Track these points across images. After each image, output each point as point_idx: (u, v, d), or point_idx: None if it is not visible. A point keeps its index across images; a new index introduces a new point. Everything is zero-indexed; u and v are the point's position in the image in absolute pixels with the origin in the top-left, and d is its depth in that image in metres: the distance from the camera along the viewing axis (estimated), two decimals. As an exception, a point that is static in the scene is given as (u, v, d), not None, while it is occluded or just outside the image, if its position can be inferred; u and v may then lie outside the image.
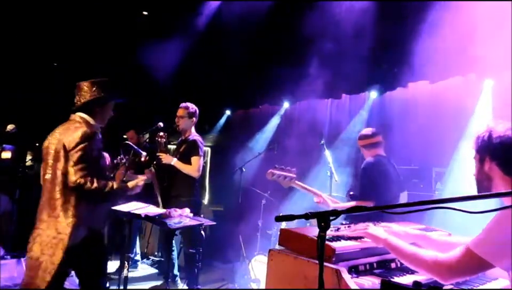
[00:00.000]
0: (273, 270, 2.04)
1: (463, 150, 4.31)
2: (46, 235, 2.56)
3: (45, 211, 2.63)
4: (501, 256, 1.53)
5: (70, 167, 2.58)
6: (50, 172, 2.66)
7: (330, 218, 1.50)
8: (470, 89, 4.69)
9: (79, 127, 2.70)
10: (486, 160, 1.72)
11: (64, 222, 2.56)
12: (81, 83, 2.86)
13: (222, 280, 5.14)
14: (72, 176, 2.56)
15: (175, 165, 4.23)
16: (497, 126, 1.72)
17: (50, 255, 2.52)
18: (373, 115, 5.61)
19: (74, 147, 2.60)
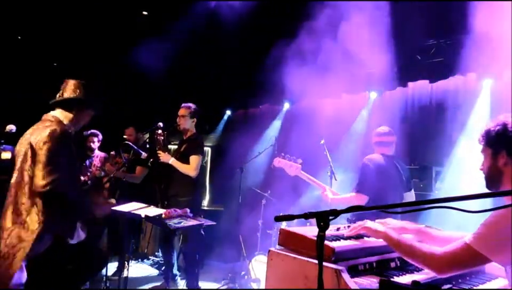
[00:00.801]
0: (273, 269, 2.04)
1: (461, 149, 4.31)
2: (5, 245, 2.32)
3: (9, 218, 2.38)
4: (499, 251, 1.54)
5: (38, 170, 2.34)
6: (16, 175, 2.45)
7: (329, 218, 1.51)
8: (469, 88, 4.69)
9: (48, 126, 2.48)
10: (501, 155, 1.70)
11: (29, 229, 2.32)
12: (68, 80, 2.73)
13: (222, 279, 5.14)
14: (39, 180, 2.32)
15: (172, 164, 4.23)
16: (510, 120, 1.70)
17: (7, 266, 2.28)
18: (373, 115, 5.60)
19: (42, 147, 2.37)
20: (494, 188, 1.75)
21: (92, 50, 6.38)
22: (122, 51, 6.23)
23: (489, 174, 1.75)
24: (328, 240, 1.93)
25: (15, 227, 2.35)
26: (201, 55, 6.08)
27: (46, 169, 2.33)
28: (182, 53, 5.79)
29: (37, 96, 7.13)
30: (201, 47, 5.97)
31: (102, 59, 6.39)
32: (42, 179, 2.31)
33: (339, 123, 5.82)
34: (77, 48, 6.34)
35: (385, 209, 1.47)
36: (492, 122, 1.75)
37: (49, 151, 2.37)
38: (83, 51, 6.35)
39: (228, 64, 6.08)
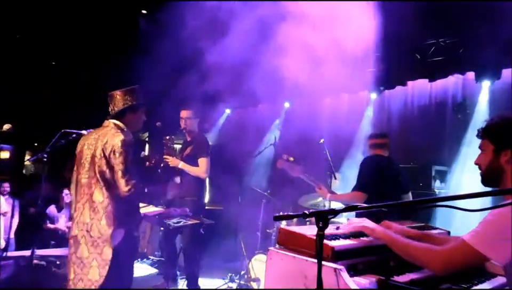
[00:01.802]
0: (272, 269, 2.04)
1: (465, 149, 4.31)
2: (90, 236, 2.69)
3: (86, 214, 2.73)
4: (496, 249, 1.53)
5: (120, 178, 2.69)
6: (86, 177, 2.77)
7: (328, 217, 1.51)
8: (469, 88, 4.69)
9: (116, 135, 2.79)
10: (504, 152, 1.68)
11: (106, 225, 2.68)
12: (113, 93, 2.99)
13: (222, 279, 5.14)
14: (124, 187, 2.69)
15: (182, 168, 4.22)
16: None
17: (99, 253, 2.67)
18: (373, 114, 5.61)
19: (116, 154, 2.71)
20: (491, 185, 1.74)
21: (90, 49, 6.37)
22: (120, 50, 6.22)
23: (488, 169, 1.74)
24: (328, 239, 1.92)
25: (93, 222, 2.70)
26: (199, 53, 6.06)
27: (126, 176, 2.70)
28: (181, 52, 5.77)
29: (36, 96, 7.15)
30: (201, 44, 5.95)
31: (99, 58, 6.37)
32: (126, 186, 2.68)
33: (338, 122, 5.82)
34: (75, 48, 6.32)
35: (384, 207, 1.47)
36: (497, 118, 1.72)
37: (125, 159, 2.72)
38: (81, 50, 6.33)
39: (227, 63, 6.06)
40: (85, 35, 6.07)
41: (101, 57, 6.32)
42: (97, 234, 2.68)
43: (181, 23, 5.34)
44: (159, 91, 6.60)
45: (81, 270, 2.71)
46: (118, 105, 2.94)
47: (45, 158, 3.63)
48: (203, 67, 5.66)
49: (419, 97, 5.19)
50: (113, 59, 6.32)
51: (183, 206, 3.48)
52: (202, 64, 5.59)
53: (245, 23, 5.21)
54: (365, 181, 3.47)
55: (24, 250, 4.28)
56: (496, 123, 1.71)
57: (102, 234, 2.67)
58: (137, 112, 3.02)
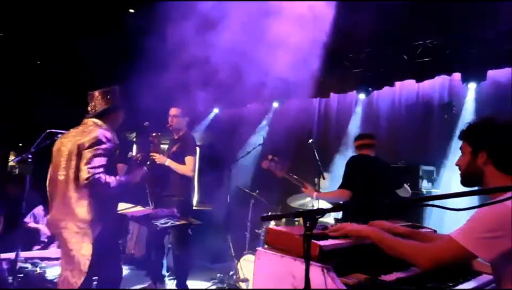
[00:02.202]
0: (260, 269, 2.04)
1: (453, 149, 4.37)
2: (68, 232, 2.73)
3: (62, 210, 2.78)
4: (482, 246, 1.55)
5: (83, 166, 2.71)
6: (63, 174, 2.81)
7: (316, 216, 1.51)
8: (456, 88, 4.75)
9: (93, 130, 2.84)
10: (481, 154, 1.71)
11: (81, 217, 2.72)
12: (94, 92, 3.03)
13: (210, 280, 5.12)
14: (83, 175, 2.70)
15: (168, 165, 4.19)
16: (496, 120, 1.72)
17: (79, 249, 2.70)
18: (361, 114, 5.64)
19: (88, 148, 2.75)
20: (470, 185, 1.78)
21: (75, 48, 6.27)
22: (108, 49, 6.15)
23: (466, 170, 1.77)
24: (316, 238, 1.93)
25: (69, 217, 2.74)
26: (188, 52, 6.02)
27: (89, 165, 2.71)
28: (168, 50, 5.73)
29: (21, 95, 7.02)
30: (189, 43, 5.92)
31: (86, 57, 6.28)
32: (86, 174, 2.70)
33: (327, 122, 5.85)
34: (60, 47, 6.22)
35: (372, 206, 1.48)
36: (476, 121, 1.78)
37: (96, 150, 2.75)
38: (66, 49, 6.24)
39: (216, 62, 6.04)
40: (70, 34, 5.98)
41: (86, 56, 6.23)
42: (75, 230, 2.72)
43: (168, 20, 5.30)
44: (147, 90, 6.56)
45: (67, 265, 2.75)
46: (99, 104, 2.99)
47: (29, 158, 3.58)
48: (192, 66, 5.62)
49: (407, 98, 5.24)
50: (99, 58, 6.24)
51: (170, 205, 3.45)
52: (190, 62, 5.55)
53: (233, 21, 5.20)
54: (349, 179, 3.54)
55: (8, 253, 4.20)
56: (474, 126, 1.76)
57: (79, 230, 2.72)
58: (118, 112, 3.10)
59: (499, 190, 1.39)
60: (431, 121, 4.79)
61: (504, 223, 1.52)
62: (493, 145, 1.68)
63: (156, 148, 4.26)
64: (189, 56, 5.51)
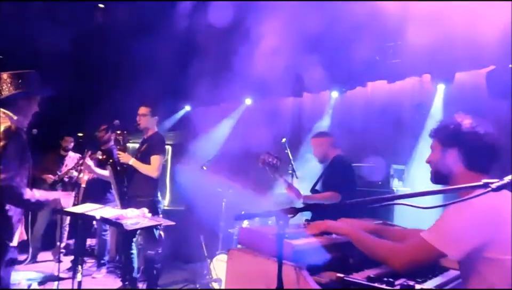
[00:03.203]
0: (232, 269, 2.01)
1: (421, 148, 4.48)
2: None
3: None
4: (451, 246, 1.59)
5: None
6: None
7: (289, 216, 1.50)
8: (425, 90, 4.87)
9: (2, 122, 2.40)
10: (450, 152, 1.75)
11: None
12: (2, 74, 2.55)
13: (183, 281, 5.05)
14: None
15: (132, 164, 4.10)
16: (465, 119, 1.75)
17: None
18: (334, 114, 5.70)
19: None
20: (440, 183, 1.81)
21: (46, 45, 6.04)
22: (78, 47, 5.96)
23: (436, 168, 1.81)
24: (288, 238, 1.92)
25: None
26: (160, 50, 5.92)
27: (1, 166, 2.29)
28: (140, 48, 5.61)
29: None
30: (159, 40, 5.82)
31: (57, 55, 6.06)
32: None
33: (301, 121, 5.88)
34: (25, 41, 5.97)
35: (342, 206, 1.48)
36: (447, 119, 1.81)
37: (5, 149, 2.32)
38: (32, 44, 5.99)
39: (188, 59, 5.97)
40: (37, 28, 5.75)
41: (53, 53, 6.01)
42: None
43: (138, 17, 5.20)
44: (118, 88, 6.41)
45: None
46: (8, 89, 2.53)
47: None
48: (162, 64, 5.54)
49: (379, 98, 5.33)
50: (67, 55, 6.04)
51: (139, 206, 3.36)
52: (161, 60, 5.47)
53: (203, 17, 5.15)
54: (340, 181, 3.50)
55: None
56: (444, 125, 1.79)
57: None
58: (31, 100, 2.64)
59: (467, 188, 1.42)
60: (402, 121, 4.90)
61: (472, 222, 1.55)
62: (462, 143, 1.72)
63: (121, 147, 4.16)
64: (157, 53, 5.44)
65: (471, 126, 1.71)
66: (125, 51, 5.72)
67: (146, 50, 5.46)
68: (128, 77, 6.01)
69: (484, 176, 1.71)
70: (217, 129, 6.90)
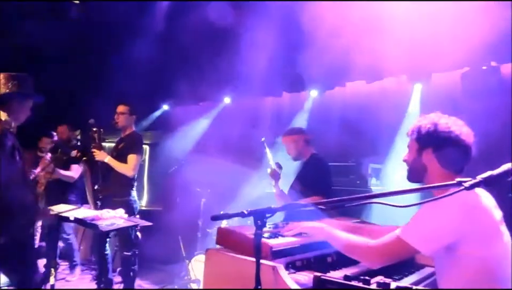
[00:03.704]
0: (210, 270, 2.00)
1: (398, 148, 4.55)
2: None
3: None
4: (426, 243, 1.61)
5: None
6: None
7: (266, 216, 1.49)
8: (402, 90, 4.95)
9: None
10: (426, 151, 1.77)
11: None
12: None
13: (161, 282, 4.99)
14: None
15: (108, 163, 4.00)
16: (441, 120, 1.78)
17: None
18: (313, 114, 5.72)
19: None
20: (416, 181, 1.84)
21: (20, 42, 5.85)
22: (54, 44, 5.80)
23: (412, 167, 1.83)
24: (266, 237, 1.92)
25: None
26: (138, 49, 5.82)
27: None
28: (118, 46, 5.51)
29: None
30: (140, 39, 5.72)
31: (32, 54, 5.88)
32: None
33: (280, 121, 5.88)
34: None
35: (319, 205, 1.48)
36: (423, 119, 1.83)
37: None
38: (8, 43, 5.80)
39: (167, 58, 5.89)
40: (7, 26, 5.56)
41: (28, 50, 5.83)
42: None
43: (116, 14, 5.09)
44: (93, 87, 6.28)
45: None
46: (2, 88, 2.57)
47: None
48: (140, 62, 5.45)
49: (357, 98, 5.38)
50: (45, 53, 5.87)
51: (115, 206, 3.29)
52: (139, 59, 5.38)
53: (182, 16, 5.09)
54: (323, 184, 3.45)
55: None
56: (421, 124, 1.81)
57: None
58: (25, 103, 2.69)
59: (442, 187, 1.44)
60: (380, 121, 4.95)
61: (445, 219, 1.58)
62: (438, 143, 1.75)
63: (96, 145, 4.06)
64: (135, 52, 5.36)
65: (446, 126, 1.74)
66: (103, 49, 5.60)
67: (124, 49, 5.36)
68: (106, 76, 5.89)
69: (458, 175, 1.75)
70: (195, 128, 6.83)
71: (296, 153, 3.68)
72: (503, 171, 1.27)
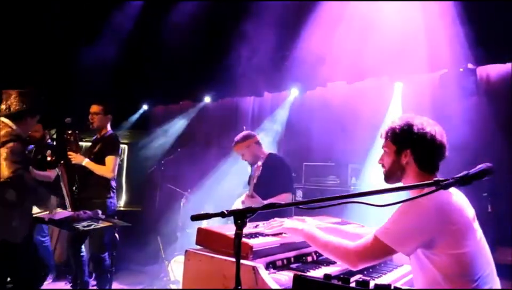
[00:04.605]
0: (190, 270, 1.97)
1: (378, 148, 4.60)
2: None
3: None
4: (403, 243, 1.63)
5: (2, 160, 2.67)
6: None
7: (247, 215, 1.48)
8: (383, 91, 5.01)
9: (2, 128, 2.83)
10: (404, 153, 1.78)
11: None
12: (9, 91, 2.98)
13: (140, 283, 4.91)
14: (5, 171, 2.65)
15: (86, 166, 3.91)
16: (416, 120, 1.78)
17: None
18: (294, 114, 5.74)
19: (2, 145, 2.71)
20: (392, 183, 1.85)
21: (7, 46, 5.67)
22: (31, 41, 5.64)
23: (390, 169, 1.84)
24: (247, 237, 1.91)
25: None
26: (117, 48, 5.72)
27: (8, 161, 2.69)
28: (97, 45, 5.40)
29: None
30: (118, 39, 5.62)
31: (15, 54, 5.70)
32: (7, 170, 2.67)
33: (261, 121, 5.88)
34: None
35: (300, 205, 1.48)
36: (398, 120, 1.83)
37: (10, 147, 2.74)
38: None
39: (146, 57, 5.81)
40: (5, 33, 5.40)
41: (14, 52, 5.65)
42: None
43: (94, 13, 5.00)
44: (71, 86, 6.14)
45: None
46: (15, 105, 2.95)
47: None
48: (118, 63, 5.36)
49: (337, 99, 5.42)
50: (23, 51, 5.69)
51: (92, 208, 3.21)
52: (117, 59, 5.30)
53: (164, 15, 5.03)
54: (287, 181, 3.50)
55: None
56: (397, 126, 1.81)
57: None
58: (34, 117, 3.09)
59: (419, 186, 1.46)
60: (360, 121, 5.00)
61: (422, 218, 1.61)
62: (416, 145, 1.76)
63: (72, 147, 3.95)
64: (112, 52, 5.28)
65: (422, 126, 1.76)
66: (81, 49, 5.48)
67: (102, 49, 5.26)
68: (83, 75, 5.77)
69: (433, 174, 1.78)
70: (174, 128, 6.75)
71: (252, 157, 3.66)
72: (478, 171, 1.30)
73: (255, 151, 3.65)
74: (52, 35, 5.39)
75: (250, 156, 3.66)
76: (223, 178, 5.37)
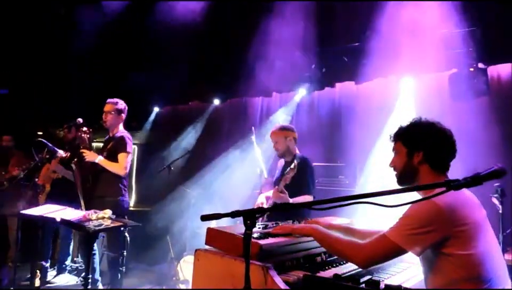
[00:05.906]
0: (200, 270, 1.98)
1: (380, 147, 4.59)
2: None
3: None
4: (413, 243, 1.63)
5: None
6: None
7: (256, 216, 1.48)
8: (391, 90, 4.99)
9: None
10: (416, 154, 1.78)
11: None
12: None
13: (149, 283, 4.94)
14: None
15: (99, 163, 3.95)
16: (425, 121, 1.79)
17: None
18: (302, 114, 5.73)
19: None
20: (406, 184, 1.84)
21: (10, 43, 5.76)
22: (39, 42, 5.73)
23: (403, 171, 1.84)
24: (256, 237, 1.91)
25: None
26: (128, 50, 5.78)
27: None
28: (106, 45, 5.45)
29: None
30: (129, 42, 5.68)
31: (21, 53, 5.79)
32: None
33: (269, 121, 5.89)
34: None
35: (309, 206, 1.48)
36: (409, 122, 1.84)
37: None
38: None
39: (156, 60, 5.86)
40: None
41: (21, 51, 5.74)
42: None
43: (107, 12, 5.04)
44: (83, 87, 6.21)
45: None
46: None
47: None
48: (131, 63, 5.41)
49: (346, 99, 5.41)
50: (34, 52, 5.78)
51: (104, 206, 3.24)
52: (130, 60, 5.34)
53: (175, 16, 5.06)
54: (311, 183, 3.45)
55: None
56: (408, 128, 1.82)
57: None
58: None
59: (429, 186, 1.46)
60: (369, 121, 4.98)
61: (432, 219, 1.60)
62: (429, 145, 1.76)
63: (86, 145, 4.00)
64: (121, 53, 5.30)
65: (432, 127, 1.76)
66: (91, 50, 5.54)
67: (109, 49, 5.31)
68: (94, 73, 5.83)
69: (445, 173, 1.77)
70: (185, 129, 6.79)
71: (284, 149, 3.62)
72: (490, 172, 1.29)
73: (289, 145, 3.61)
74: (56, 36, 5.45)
75: (283, 148, 3.60)
76: (232, 178, 5.38)
